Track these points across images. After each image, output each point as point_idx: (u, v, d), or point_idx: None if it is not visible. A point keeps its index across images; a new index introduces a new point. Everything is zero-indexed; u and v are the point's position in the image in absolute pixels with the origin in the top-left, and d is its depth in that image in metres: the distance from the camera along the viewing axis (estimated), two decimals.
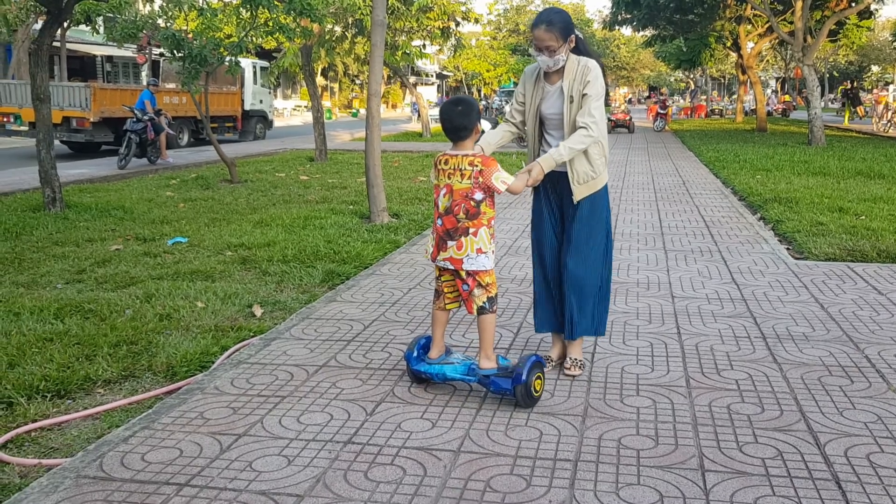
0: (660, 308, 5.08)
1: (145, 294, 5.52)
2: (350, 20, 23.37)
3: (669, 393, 3.63)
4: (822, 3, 23.60)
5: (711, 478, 2.82)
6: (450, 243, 3.50)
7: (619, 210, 9.34)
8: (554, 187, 3.89)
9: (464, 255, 3.48)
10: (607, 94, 3.84)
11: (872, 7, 27.95)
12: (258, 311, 5.27)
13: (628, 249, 7.02)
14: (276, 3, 11.04)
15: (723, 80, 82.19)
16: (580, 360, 3.97)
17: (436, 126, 30.84)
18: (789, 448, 3.05)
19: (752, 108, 38.86)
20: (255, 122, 24.49)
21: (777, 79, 74.56)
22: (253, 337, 4.68)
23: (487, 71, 43.05)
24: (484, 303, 3.55)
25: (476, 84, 46.63)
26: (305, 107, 43.51)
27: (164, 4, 12.55)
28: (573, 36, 3.71)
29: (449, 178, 3.52)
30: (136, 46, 23.37)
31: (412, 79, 37.63)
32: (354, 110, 46.82)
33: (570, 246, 3.86)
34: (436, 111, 36.48)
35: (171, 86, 20.79)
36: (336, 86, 51.23)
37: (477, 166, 3.45)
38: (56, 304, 5.19)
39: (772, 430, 3.22)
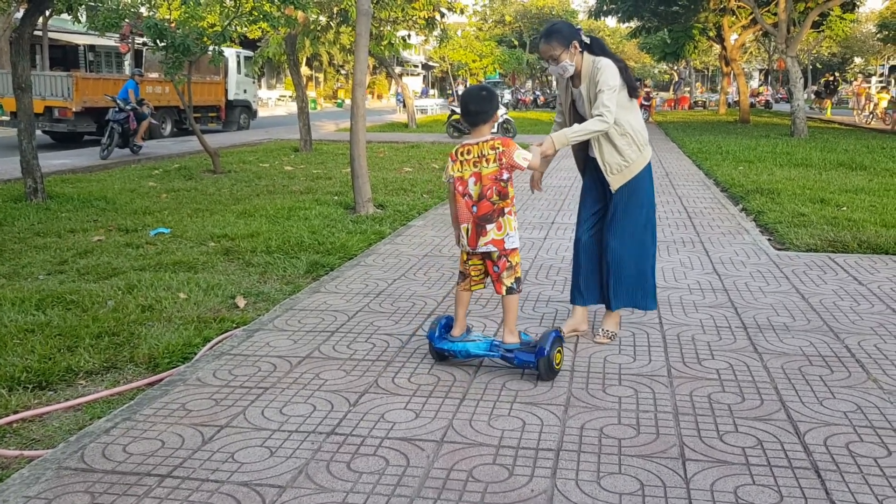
0: None
1: (127, 285, 5.48)
2: (335, 10, 23.25)
3: (651, 382, 3.66)
4: None
5: (692, 467, 2.84)
6: (489, 227, 3.69)
7: None
8: (596, 177, 4.22)
9: (504, 235, 3.71)
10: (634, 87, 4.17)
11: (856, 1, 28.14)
12: (241, 302, 5.25)
13: None
14: None
15: (706, 72, 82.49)
16: (611, 332, 4.28)
17: (421, 117, 30.79)
18: (769, 437, 3.08)
19: (735, 99, 39.05)
20: (238, 112, 24.36)
21: (760, 70, 74.91)
22: (236, 328, 4.66)
23: (473, 61, 42.95)
24: (512, 283, 3.77)
25: (462, 75, 46.58)
26: (290, 97, 43.27)
27: None
28: (576, 42, 4.04)
29: (475, 166, 3.71)
30: (118, 36, 23.13)
31: (398, 69, 37.45)
32: (339, 100, 46.61)
33: (611, 228, 4.18)
34: (421, 101, 36.39)
35: (154, 75, 20.63)
36: (321, 76, 50.94)
37: (499, 148, 3.67)
38: (37, 295, 5.15)
39: (752, 419, 3.25)
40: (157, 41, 11.47)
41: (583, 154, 4.31)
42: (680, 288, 5.39)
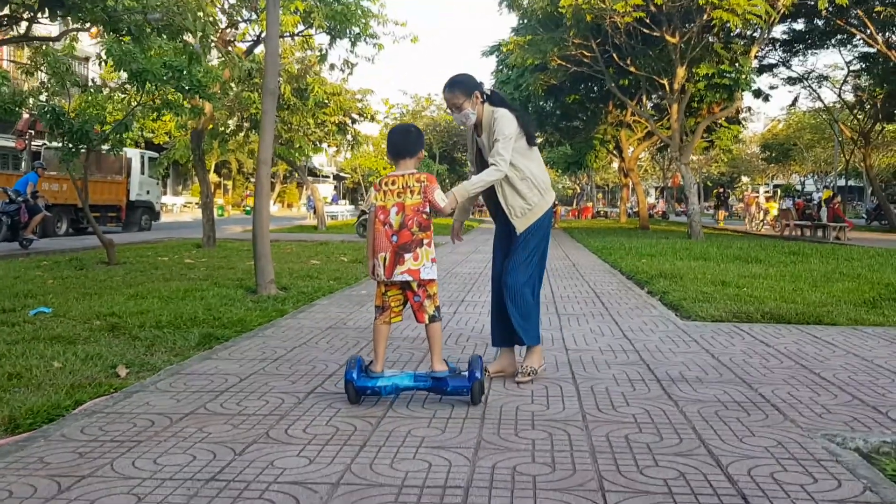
0: (553, 359, 4.92)
1: None
2: (245, 114, 23.29)
3: (566, 426, 3.43)
4: (695, 110, 25.26)
5: (612, 497, 2.60)
6: (406, 256, 3.76)
7: None
8: (505, 222, 4.34)
9: (420, 266, 3.77)
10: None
11: (741, 116, 30.20)
12: (123, 371, 4.78)
13: None
14: (164, 78, 10.78)
15: (606, 188, 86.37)
16: (532, 368, 4.28)
17: (331, 221, 30.71)
18: (691, 470, 2.87)
19: (635, 210, 40.75)
20: (140, 213, 23.67)
21: (656, 188, 78.97)
22: (115, 392, 4.21)
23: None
24: (434, 312, 3.85)
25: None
26: (196, 203, 42.58)
27: (48, 81, 12.04)
28: (477, 92, 4.26)
29: (398, 196, 3.81)
30: (13, 133, 22.42)
31: (309, 178, 37.43)
32: (247, 208, 46.15)
33: (508, 266, 4.27)
34: (331, 208, 36.40)
35: (53, 172, 19.95)
36: (230, 183, 50.58)
37: (423, 182, 3.81)
38: None
39: (672, 455, 3.05)
40: (54, 128, 11.07)
41: (494, 199, 4.35)
42: (592, 350, 5.24)
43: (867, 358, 4.99)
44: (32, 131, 21.17)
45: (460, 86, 4.27)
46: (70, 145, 11.10)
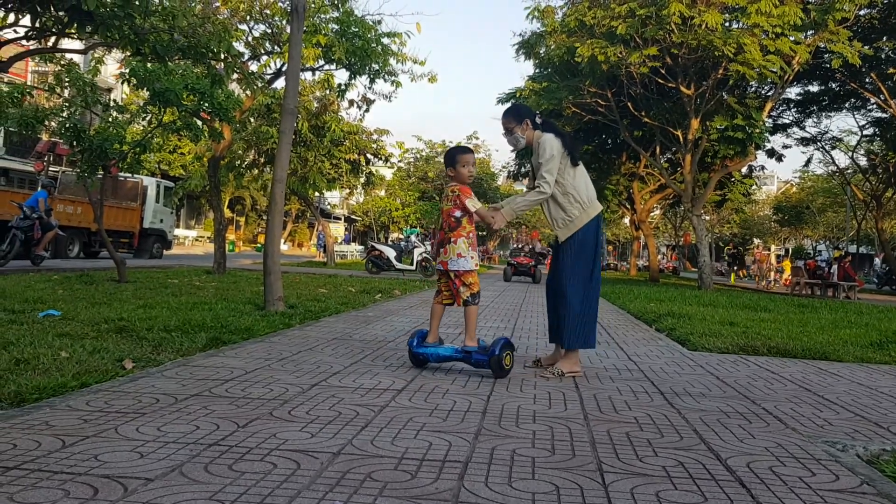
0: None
1: (3, 342, 5.00)
2: (262, 148, 23.60)
3: (567, 423, 3.44)
4: (708, 165, 25.44)
5: (610, 477, 2.60)
6: (441, 250, 4.72)
7: (521, 312, 9.32)
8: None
9: (448, 258, 4.66)
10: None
11: (755, 174, 30.38)
12: (129, 364, 4.81)
13: (527, 337, 6.92)
14: (185, 101, 11.00)
15: (617, 242, 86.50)
16: (560, 371, 4.70)
17: (340, 260, 30.78)
18: (690, 460, 2.88)
19: (645, 264, 40.73)
20: (152, 241, 23.80)
21: (668, 246, 79.01)
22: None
23: (396, 210, 43.78)
24: (468, 297, 4.66)
25: (384, 221, 47.23)
26: (208, 237, 42.88)
27: (70, 98, 12.29)
28: (528, 119, 4.86)
29: (444, 203, 4.76)
30: (33, 156, 22.77)
31: (322, 220, 37.76)
32: (259, 245, 46.40)
33: (560, 275, 4.76)
34: (341, 247, 36.48)
35: (70, 196, 20.17)
36: (242, 220, 50.92)
37: (456, 192, 4.67)
38: None
39: (672, 449, 3.05)
40: (74, 143, 11.28)
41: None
42: (597, 367, 5.25)
43: (871, 387, 4.98)
44: (52, 154, 21.45)
45: (513, 111, 4.94)
46: (88, 164, 11.28)
